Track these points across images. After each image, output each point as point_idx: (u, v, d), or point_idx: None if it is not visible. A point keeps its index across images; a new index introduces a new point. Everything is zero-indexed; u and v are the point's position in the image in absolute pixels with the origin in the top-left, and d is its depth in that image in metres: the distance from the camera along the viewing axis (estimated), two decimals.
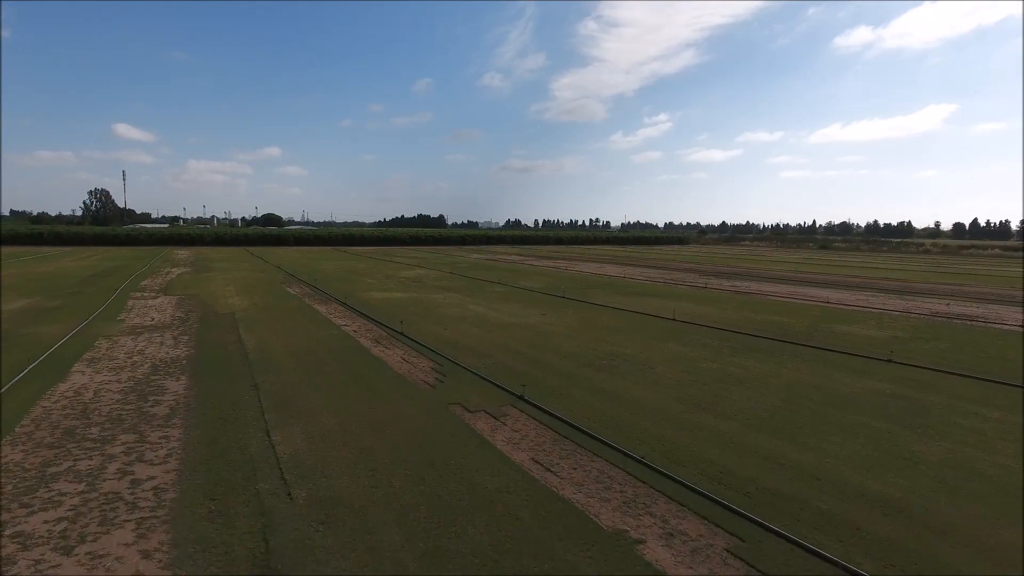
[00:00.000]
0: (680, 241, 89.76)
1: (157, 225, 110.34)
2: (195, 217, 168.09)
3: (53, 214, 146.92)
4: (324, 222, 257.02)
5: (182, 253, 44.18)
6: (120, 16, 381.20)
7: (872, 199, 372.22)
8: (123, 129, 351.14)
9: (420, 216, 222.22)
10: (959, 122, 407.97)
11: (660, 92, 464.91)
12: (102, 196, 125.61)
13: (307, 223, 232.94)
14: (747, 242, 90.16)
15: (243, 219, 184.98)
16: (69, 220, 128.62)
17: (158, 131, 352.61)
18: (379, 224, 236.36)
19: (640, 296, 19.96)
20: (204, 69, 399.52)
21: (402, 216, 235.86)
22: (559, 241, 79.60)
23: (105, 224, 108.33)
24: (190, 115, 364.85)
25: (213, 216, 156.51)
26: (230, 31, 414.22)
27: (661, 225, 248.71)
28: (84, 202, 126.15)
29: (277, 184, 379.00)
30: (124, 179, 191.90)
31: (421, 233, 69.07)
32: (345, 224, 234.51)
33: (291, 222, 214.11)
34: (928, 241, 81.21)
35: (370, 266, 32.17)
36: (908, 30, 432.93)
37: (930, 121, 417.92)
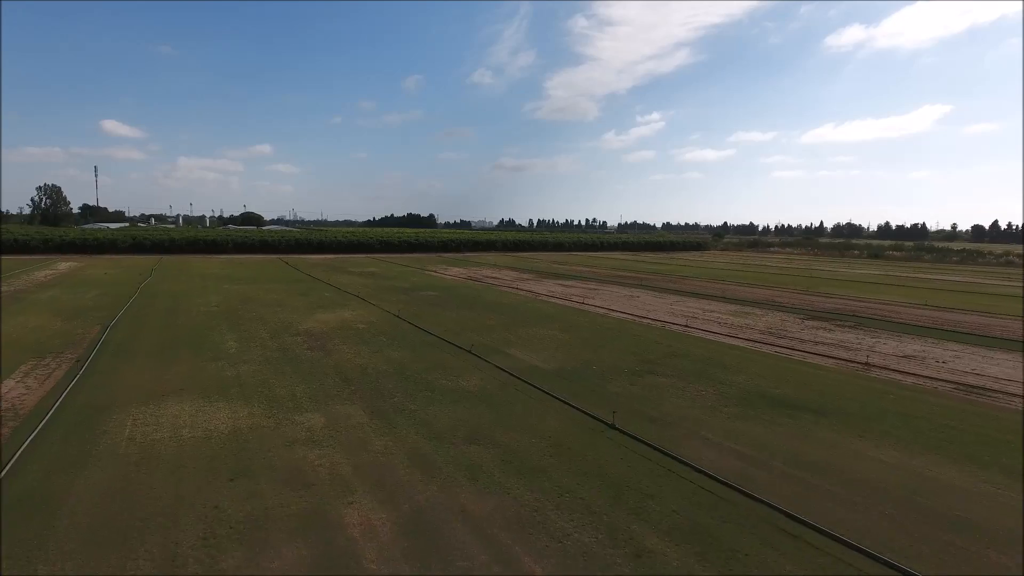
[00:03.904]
0: (698, 247, 78.51)
1: (119, 224, 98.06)
2: (178, 215, 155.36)
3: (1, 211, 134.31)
4: (316, 220, 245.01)
5: (60, 267, 32.63)
6: (103, 9, 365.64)
7: (865, 199, 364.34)
8: (111, 125, 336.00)
9: (410, 215, 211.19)
10: (952, 123, 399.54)
11: (653, 91, 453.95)
12: (52, 193, 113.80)
13: (298, 221, 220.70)
14: (775, 248, 79.05)
15: (220, 217, 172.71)
16: (19, 219, 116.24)
17: (147, 127, 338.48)
18: (369, 223, 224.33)
19: (791, 413, 8.69)
20: (191, 64, 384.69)
21: (391, 215, 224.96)
22: (559, 246, 68.29)
23: (55, 223, 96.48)
24: (179, 111, 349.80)
25: (179, 215, 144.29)
26: (216, 24, 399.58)
27: (659, 225, 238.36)
28: (32, 199, 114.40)
29: (269, 182, 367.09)
30: (96, 175, 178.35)
31: (396, 237, 57.41)
32: (336, 223, 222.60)
33: (280, 220, 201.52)
34: (998, 247, 70.25)
35: (282, 297, 20.77)
36: (900, 29, 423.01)
37: (923, 122, 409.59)
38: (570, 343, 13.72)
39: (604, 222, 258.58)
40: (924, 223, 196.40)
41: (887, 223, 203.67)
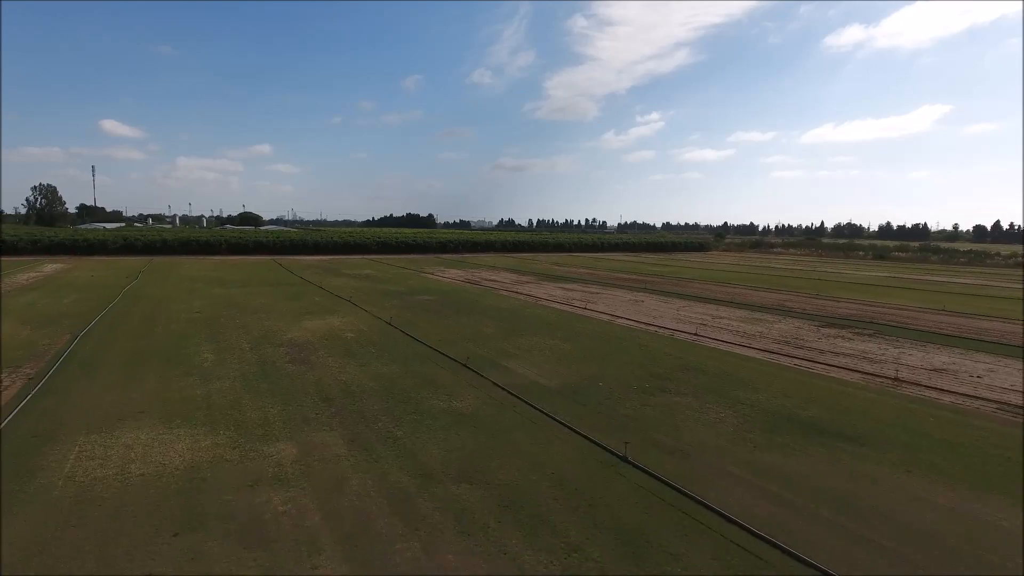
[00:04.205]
0: (700, 247, 77.52)
1: (115, 224, 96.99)
2: (174, 216, 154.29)
3: None
4: (315, 220, 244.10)
5: (46, 270, 31.68)
6: (103, 9, 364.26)
7: (865, 199, 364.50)
8: (111, 125, 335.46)
9: (409, 215, 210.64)
10: (952, 123, 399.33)
11: (652, 91, 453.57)
12: (48, 193, 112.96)
13: (297, 221, 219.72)
14: (778, 249, 78.04)
15: (218, 217, 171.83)
16: (14, 219, 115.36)
17: (147, 127, 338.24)
18: (368, 223, 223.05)
19: (824, 442, 7.70)
20: (190, 64, 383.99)
21: (391, 215, 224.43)
22: (559, 247, 67.30)
23: (51, 223, 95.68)
24: (178, 111, 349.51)
25: (175, 215, 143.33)
26: (215, 24, 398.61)
27: (659, 225, 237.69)
28: (27, 199, 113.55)
29: (268, 182, 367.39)
30: (93, 174, 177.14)
31: (393, 238, 56.45)
32: (336, 223, 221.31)
33: (279, 220, 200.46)
34: (1004, 248, 69.20)
35: (269, 302, 19.80)
36: (900, 29, 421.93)
37: (923, 122, 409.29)
38: (573, 354, 12.76)
39: (604, 222, 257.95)
40: (925, 223, 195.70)
41: (888, 223, 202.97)
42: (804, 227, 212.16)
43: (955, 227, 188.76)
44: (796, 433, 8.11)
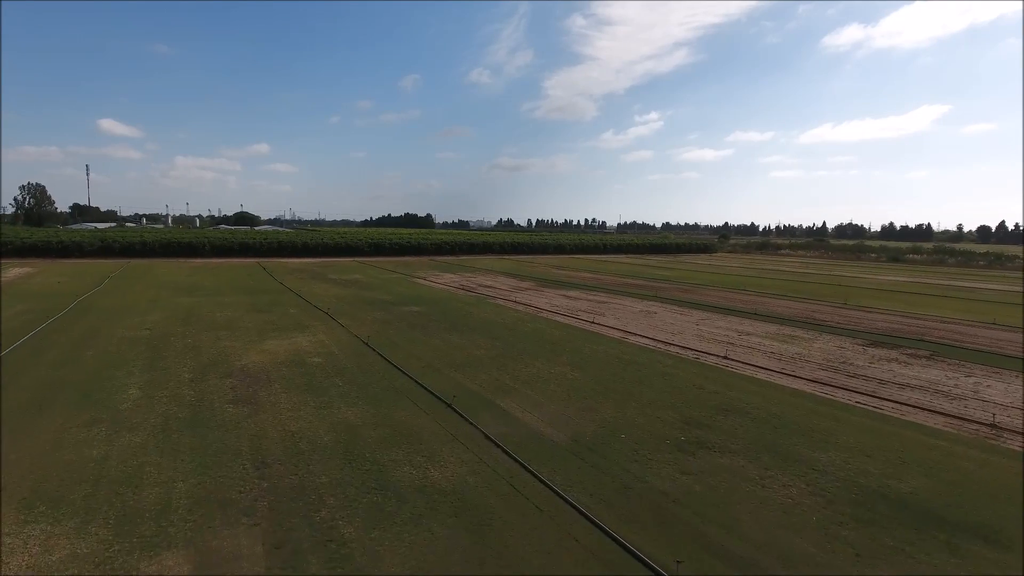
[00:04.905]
0: (705, 248, 75.18)
1: (108, 224, 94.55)
2: (167, 215, 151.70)
3: None
4: (314, 220, 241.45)
5: (8, 275, 29.35)
6: (102, 8, 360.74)
7: (864, 199, 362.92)
8: (108, 124, 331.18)
9: (407, 215, 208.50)
10: (951, 123, 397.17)
11: (651, 91, 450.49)
12: (36, 192, 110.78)
13: (295, 221, 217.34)
14: (785, 250, 75.71)
15: (212, 217, 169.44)
16: (6, 219, 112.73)
17: (144, 127, 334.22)
18: (366, 223, 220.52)
19: (947, 542, 5.38)
20: (187, 63, 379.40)
21: (389, 215, 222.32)
22: (559, 248, 64.96)
23: (39, 223, 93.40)
24: (175, 110, 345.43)
25: (168, 215, 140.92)
26: (213, 24, 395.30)
27: (658, 225, 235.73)
28: (15, 199, 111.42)
29: (266, 182, 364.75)
30: (88, 173, 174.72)
31: (387, 239, 54.03)
32: (334, 223, 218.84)
33: (277, 220, 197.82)
34: (1018, 250, 66.93)
35: (235, 315, 17.46)
36: (899, 29, 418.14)
37: (922, 121, 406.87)
38: (584, 388, 10.47)
39: (603, 222, 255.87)
40: (929, 224, 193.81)
41: (891, 224, 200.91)
42: (805, 227, 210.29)
43: (959, 228, 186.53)
44: (904, 524, 5.83)
